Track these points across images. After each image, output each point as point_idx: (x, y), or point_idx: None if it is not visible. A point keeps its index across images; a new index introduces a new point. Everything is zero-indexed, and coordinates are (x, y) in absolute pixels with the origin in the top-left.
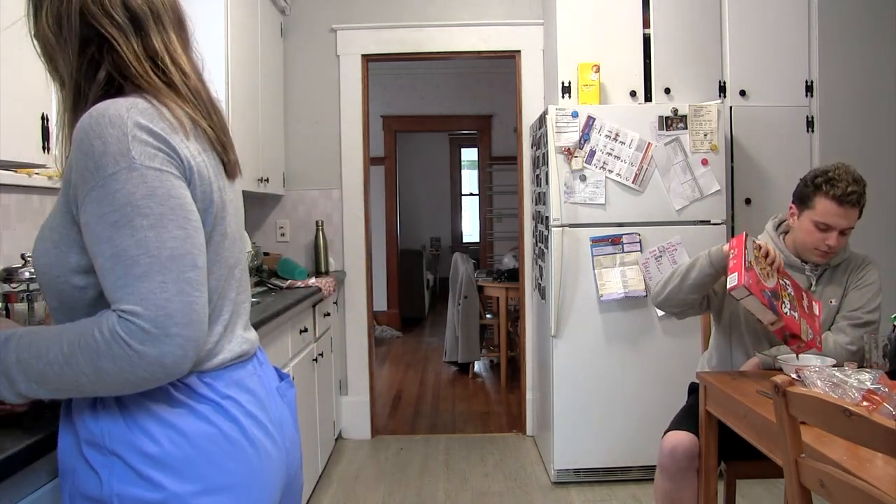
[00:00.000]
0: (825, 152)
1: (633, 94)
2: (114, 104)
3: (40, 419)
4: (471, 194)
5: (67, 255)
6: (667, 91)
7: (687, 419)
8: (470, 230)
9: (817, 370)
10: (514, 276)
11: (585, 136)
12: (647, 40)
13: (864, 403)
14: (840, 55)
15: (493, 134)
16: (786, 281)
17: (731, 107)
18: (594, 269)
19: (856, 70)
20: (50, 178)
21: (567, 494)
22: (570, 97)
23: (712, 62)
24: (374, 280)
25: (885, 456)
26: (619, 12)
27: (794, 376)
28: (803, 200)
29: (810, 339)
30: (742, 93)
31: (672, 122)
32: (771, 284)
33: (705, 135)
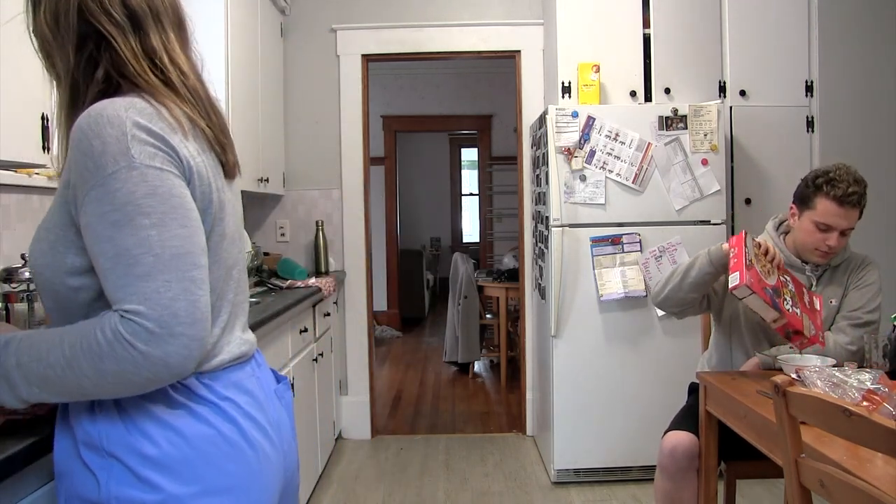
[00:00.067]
0: (825, 152)
1: (633, 94)
2: (111, 104)
3: (37, 423)
4: (471, 194)
5: (63, 257)
6: (667, 91)
7: (687, 419)
8: (470, 230)
9: (817, 370)
10: (514, 276)
11: (585, 136)
12: (647, 40)
13: (864, 403)
14: (840, 55)
15: (493, 134)
16: (786, 277)
17: (731, 107)
18: (594, 269)
19: (856, 70)
20: (50, 178)
21: (567, 494)
22: (570, 97)
23: (712, 62)
24: (374, 280)
25: (885, 456)
26: (619, 12)
27: (794, 376)
28: (804, 201)
29: (813, 335)
30: (742, 93)
31: (672, 122)
32: (772, 282)
33: (705, 135)
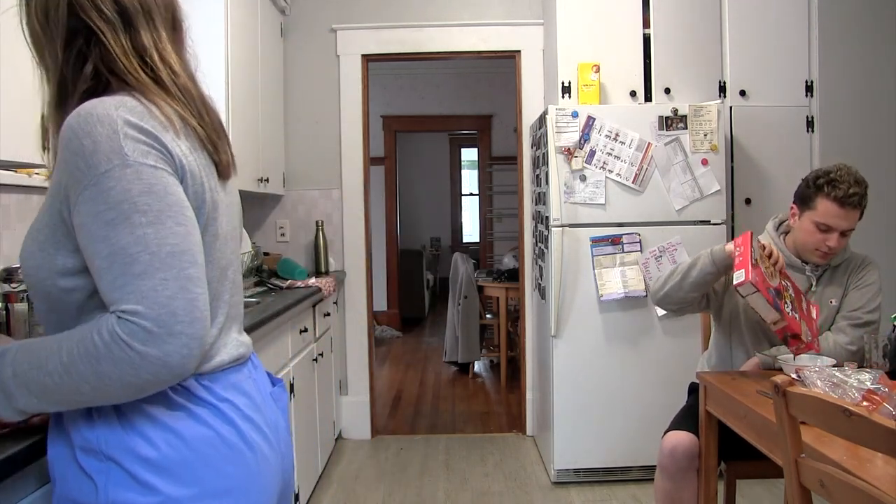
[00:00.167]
0: (825, 152)
1: (633, 94)
2: (101, 102)
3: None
4: (471, 194)
5: (54, 257)
6: (667, 91)
7: (687, 419)
8: (470, 230)
9: (817, 370)
10: (514, 276)
11: (585, 136)
12: (647, 40)
13: (864, 403)
14: (840, 55)
15: (493, 134)
16: (787, 282)
17: (731, 107)
18: (594, 269)
19: (856, 70)
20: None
21: (567, 494)
22: (570, 97)
23: (712, 62)
24: (374, 280)
25: (885, 456)
26: (619, 12)
27: (794, 376)
28: (804, 201)
29: (809, 341)
30: (742, 93)
31: (672, 122)
32: (774, 284)
33: (705, 135)
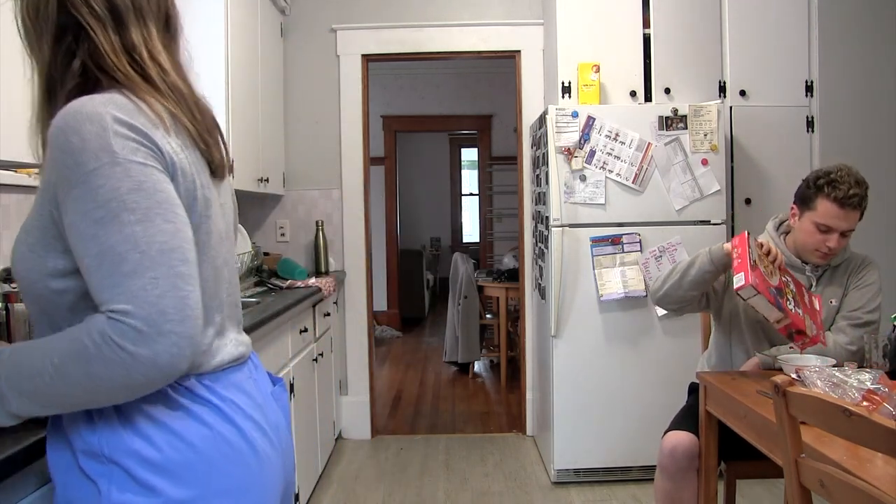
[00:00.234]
0: (825, 152)
1: (633, 94)
2: (90, 100)
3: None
4: (471, 194)
5: (44, 259)
6: (667, 91)
7: (687, 419)
8: (470, 230)
9: (817, 370)
10: (514, 276)
11: (585, 136)
12: (647, 40)
13: (864, 403)
14: (840, 55)
15: (493, 134)
16: (787, 278)
17: (731, 107)
18: (594, 269)
19: (856, 70)
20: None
21: (567, 494)
22: (570, 97)
23: (712, 62)
24: (374, 280)
25: (885, 456)
26: (619, 12)
27: (794, 376)
28: (805, 201)
29: (815, 335)
30: (742, 93)
31: (672, 122)
32: (775, 282)
33: (705, 135)
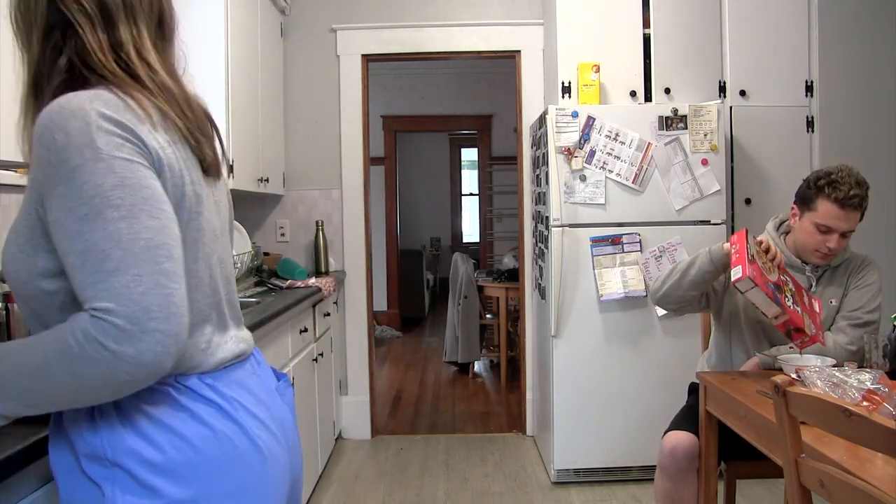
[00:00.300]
0: (825, 152)
1: (633, 94)
2: (76, 96)
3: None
4: (471, 194)
5: (34, 259)
6: (667, 91)
7: (687, 419)
8: (470, 230)
9: (817, 370)
10: (514, 276)
11: (585, 136)
12: (647, 40)
13: (864, 403)
14: (840, 55)
15: (493, 134)
16: (786, 277)
17: (731, 107)
18: (594, 269)
19: (856, 70)
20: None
21: (567, 494)
22: (570, 97)
23: (712, 62)
24: (374, 280)
25: (885, 456)
26: (619, 12)
27: (794, 376)
28: (805, 201)
29: (814, 334)
30: (742, 93)
31: (672, 122)
32: (773, 279)
33: (705, 135)
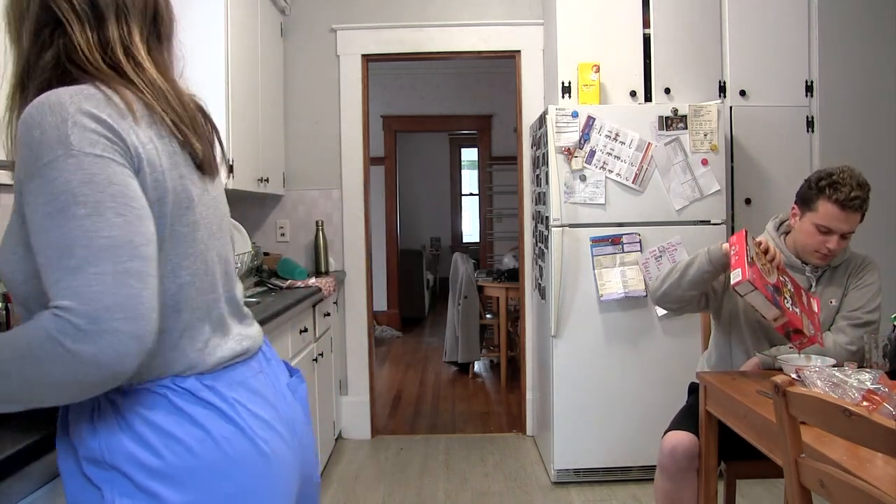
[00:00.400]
0: (825, 152)
1: (633, 94)
2: (57, 92)
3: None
4: (471, 194)
5: (26, 259)
6: (667, 91)
7: (687, 419)
8: (470, 230)
9: (817, 370)
10: (514, 276)
11: (585, 136)
12: (647, 40)
13: (864, 403)
14: (840, 55)
15: (493, 134)
16: (785, 278)
17: (731, 107)
18: (594, 269)
19: (856, 70)
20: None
21: (567, 494)
22: (570, 97)
23: (712, 62)
24: (374, 280)
25: (885, 456)
26: (619, 12)
27: (794, 376)
28: (806, 202)
29: (812, 335)
30: (742, 93)
31: (672, 122)
32: (773, 280)
33: (705, 135)
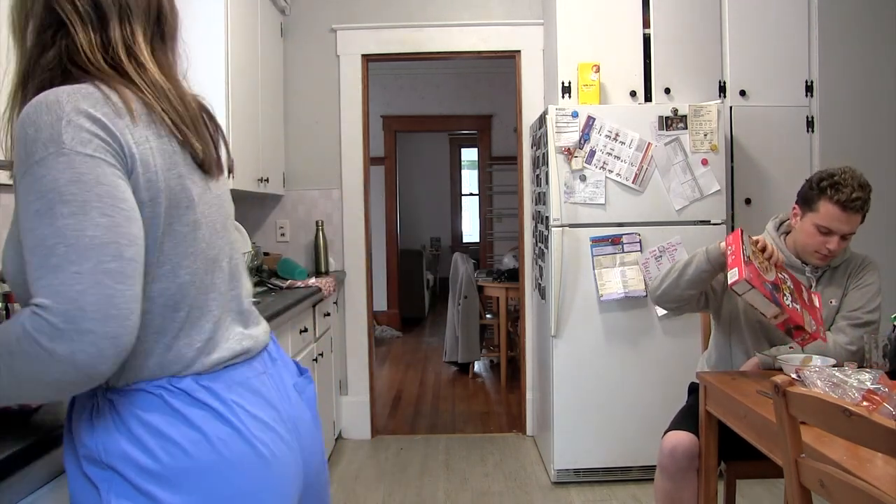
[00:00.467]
0: (825, 152)
1: (633, 94)
2: (55, 91)
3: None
4: (471, 194)
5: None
6: (667, 91)
7: (687, 419)
8: (470, 230)
9: (817, 370)
10: (514, 276)
11: (585, 136)
12: (647, 40)
13: (864, 403)
14: (840, 55)
15: (493, 134)
16: (784, 275)
17: (731, 107)
18: (594, 269)
19: (856, 70)
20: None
21: (567, 494)
22: (570, 97)
23: (712, 62)
24: (374, 280)
25: (885, 456)
26: (619, 12)
27: (794, 376)
28: (807, 202)
29: (814, 331)
30: (742, 93)
31: (672, 122)
32: (771, 278)
33: (705, 135)
